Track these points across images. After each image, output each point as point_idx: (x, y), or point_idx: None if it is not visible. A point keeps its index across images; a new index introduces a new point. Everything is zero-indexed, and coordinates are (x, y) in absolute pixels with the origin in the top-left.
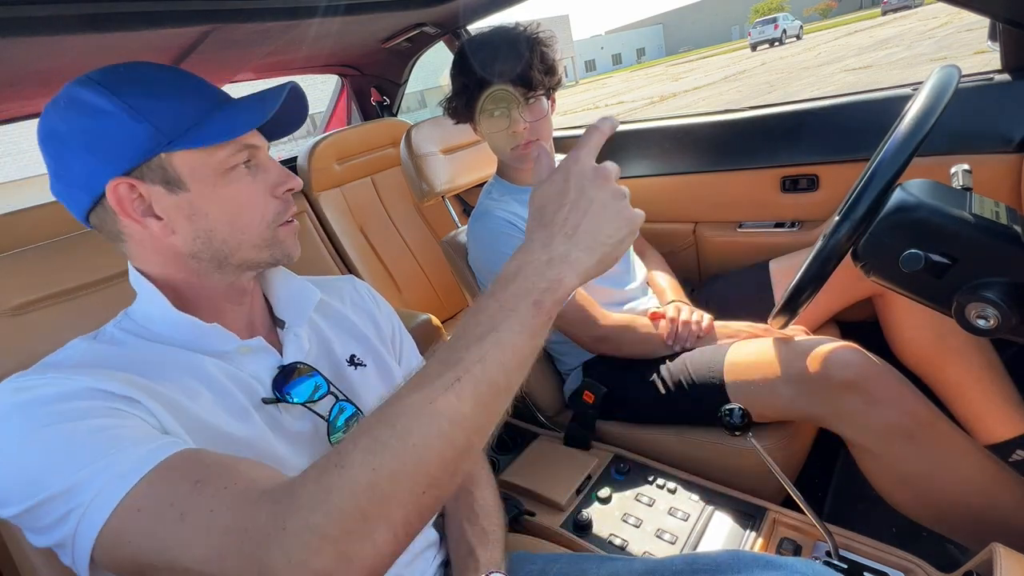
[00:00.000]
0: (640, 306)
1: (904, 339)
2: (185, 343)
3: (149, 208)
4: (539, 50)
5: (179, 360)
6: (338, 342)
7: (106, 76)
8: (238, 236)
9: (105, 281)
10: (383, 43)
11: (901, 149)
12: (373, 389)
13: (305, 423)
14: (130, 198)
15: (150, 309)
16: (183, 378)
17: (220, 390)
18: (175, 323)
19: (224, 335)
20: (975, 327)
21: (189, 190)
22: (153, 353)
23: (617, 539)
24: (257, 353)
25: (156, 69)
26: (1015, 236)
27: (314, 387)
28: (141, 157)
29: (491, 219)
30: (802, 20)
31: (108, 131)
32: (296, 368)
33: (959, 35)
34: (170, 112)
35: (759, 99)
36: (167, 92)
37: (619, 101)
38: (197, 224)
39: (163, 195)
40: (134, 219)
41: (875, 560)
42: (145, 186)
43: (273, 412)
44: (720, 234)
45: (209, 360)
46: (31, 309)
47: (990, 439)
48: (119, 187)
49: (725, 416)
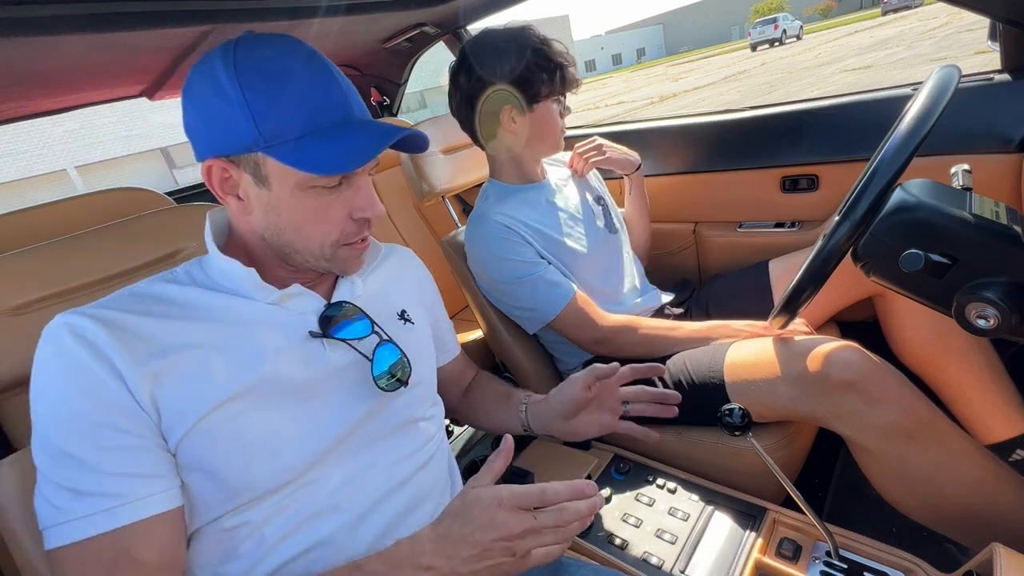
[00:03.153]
0: (640, 305)
1: (904, 339)
2: (236, 289)
3: (235, 188)
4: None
5: (226, 306)
6: (392, 296)
7: (246, 53)
8: (301, 242)
9: (106, 281)
10: (383, 43)
11: (901, 149)
12: (416, 346)
13: (348, 359)
14: (221, 177)
15: (209, 255)
16: (225, 322)
17: (262, 330)
18: (223, 267)
19: (260, 286)
20: (975, 327)
21: (272, 190)
22: (202, 301)
23: (617, 539)
24: (298, 297)
25: (299, 58)
26: (1015, 236)
27: (359, 328)
28: (240, 150)
29: (488, 223)
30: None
31: (224, 117)
32: (343, 310)
33: (959, 35)
34: (282, 120)
35: (759, 99)
36: (290, 94)
37: (619, 101)
38: (270, 218)
39: (250, 183)
40: (218, 194)
41: (875, 560)
42: (237, 171)
43: (318, 348)
44: (720, 234)
45: (257, 304)
46: (31, 309)
47: (990, 439)
48: (213, 167)
49: (725, 416)
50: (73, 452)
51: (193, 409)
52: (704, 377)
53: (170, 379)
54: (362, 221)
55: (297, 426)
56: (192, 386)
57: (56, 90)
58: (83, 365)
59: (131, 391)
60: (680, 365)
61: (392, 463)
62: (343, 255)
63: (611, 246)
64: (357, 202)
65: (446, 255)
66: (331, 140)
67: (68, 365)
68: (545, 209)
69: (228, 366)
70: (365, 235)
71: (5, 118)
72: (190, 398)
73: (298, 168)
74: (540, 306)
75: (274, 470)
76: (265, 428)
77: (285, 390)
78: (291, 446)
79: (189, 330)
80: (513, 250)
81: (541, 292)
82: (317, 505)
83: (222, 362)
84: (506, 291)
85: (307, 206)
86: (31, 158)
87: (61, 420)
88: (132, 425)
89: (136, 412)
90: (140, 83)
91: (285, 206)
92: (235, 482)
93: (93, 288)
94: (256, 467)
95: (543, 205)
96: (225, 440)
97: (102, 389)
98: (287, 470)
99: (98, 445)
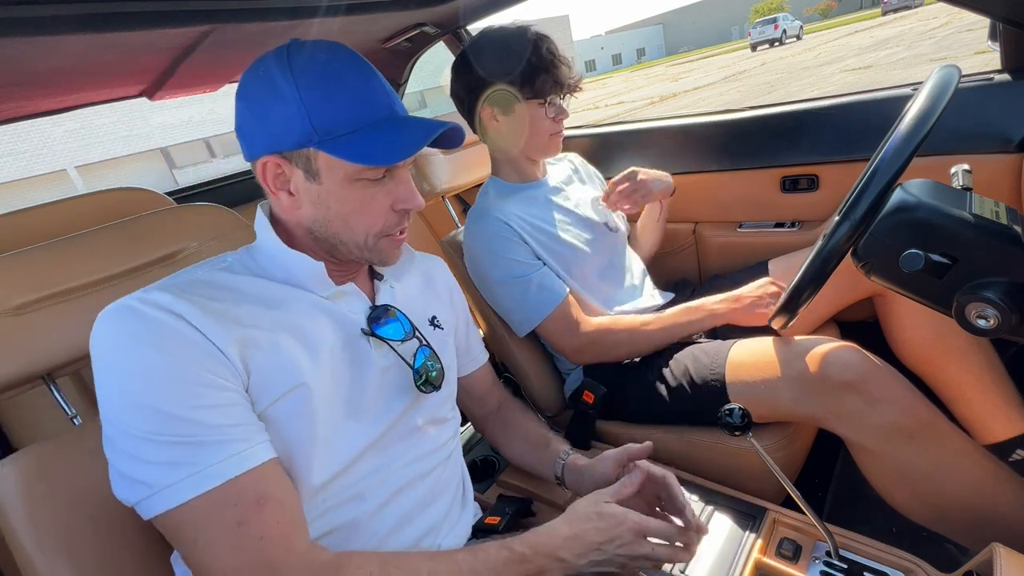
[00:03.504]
0: (638, 304)
1: (904, 339)
2: (292, 280)
3: (287, 183)
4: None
5: (285, 295)
6: (424, 302)
7: (299, 56)
8: (347, 233)
9: (106, 281)
10: (383, 43)
11: (901, 149)
12: (446, 351)
13: (390, 361)
14: (274, 173)
15: (266, 247)
16: (292, 311)
17: (322, 322)
18: (285, 260)
19: (323, 279)
20: (975, 327)
21: (322, 183)
22: (262, 289)
23: None
24: (350, 296)
25: (346, 60)
26: (1015, 236)
27: (400, 328)
28: (295, 146)
29: (488, 220)
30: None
31: (280, 115)
32: (387, 310)
33: (959, 35)
34: (333, 115)
35: (759, 99)
36: (341, 92)
37: (619, 101)
38: (319, 211)
39: (301, 178)
40: (271, 189)
41: (875, 560)
42: (290, 167)
43: (365, 347)
44: (720, 234)
45: (313, 297)
46: (31, 309)
47: (990, 439)
48: (268, 163)
49: (725, 416)
50: (183, 413)
51: (276, 384)
52: (705, 377)
53: (254, 350)
54: (403, 212)
55: (349, 420)
56: (274, 363)
57: (56, 90)
58: (172, 329)
59: (223, 351)
60: (681, 365)
61: (415, 458)
62: (383, 246)
63: (611, 245)
64: (400, 194)
65: (446, 255)
66: (380, 134)
67: (159, 331)
68: (545, 207)
69: (299, 352)
70: (404, 226)
71: (5, 118)
72: (273, 374)
73: (350, 160)
74: (530, 308)
75: (326, 463)
76: (327, 417)
77: (340, 383)
78: (344, 438)
79: (258, 315)
80: (510, 248)
81: (532, 294)
82: (344, 494)
83: (294, 347)
84: (499, 290)
85: (354, 197)
86: (31, 158)
87: (162, 385)
88: (231, 382)
89: (232, 370)
90: (140, 83)
91: (334, 198)
92: (298, 468)
93: (93, 288)
94: (316, 458)
95: (543, 203)
96: (296, 425)
97: (196, 350)
98: (336, 463)
99: (207, 403)
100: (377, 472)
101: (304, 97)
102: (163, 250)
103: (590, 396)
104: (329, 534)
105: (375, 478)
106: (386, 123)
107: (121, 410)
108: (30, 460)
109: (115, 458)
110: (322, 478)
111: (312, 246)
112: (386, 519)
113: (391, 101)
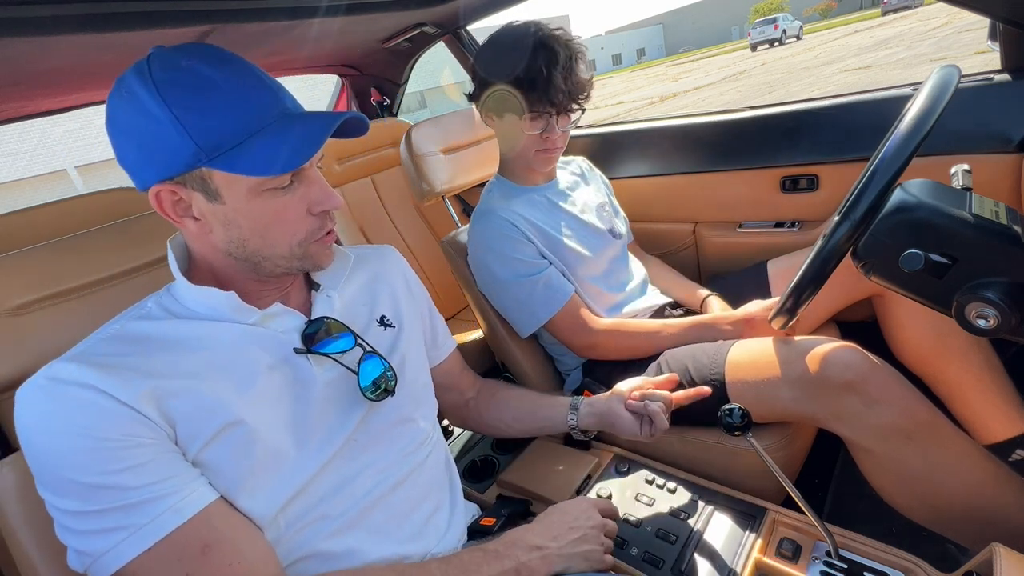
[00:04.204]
0: (640, 304)
1: (904, 339)
2: (214, 314)
3: (188, 209)
4: (581, 64)
5: (207, 332)
6: (370, 303)
7: (161, 69)
8: (268, 248)
9: (106, 281)
10: (383, 43)
11: (901, 149)
12: (400, 350)
13: (335, 374)
14: (171, 200)
15: (179, 286)
16: (213, 348)
17: (251, 351)
18: (198, 297)
19: (241, 308)
20: (975, 327)
21: (225, 203)
22: (181, 331)
23: (617, 539)
24: (279, 316)
25: (215, 63)
26: (1015, 236)
27: (342, 342)
28: (183, 169)
29: (494, 219)
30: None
31: (156, 137)
32: (325, 326)
33: (959, 35)
34: (214, 129)
35: (759, 99)
36: (216, 103)
37: (619, 101)
38: (231, 232)
39: (202, 201)
40: (173, 219)
41: (875, 560)
42: (186, 191)
43: (304, 364)
44: (720, 234)
45: (239, 326)
46: (31, 309)
47: (990, 439)
48: (161, 192)
49: (725, 416)
50: (105, 481)
51: (204, 428)
52: (705, 377)
53: (172, 400)
54: (323, 214)
55: (295, 443)
56: (197, 407)
57: (56, 90)
58: (80, 400)
59: (136, 409)
60: (681, 365)
61: (383, 468)
62: (312, 251)
63: (614, 250)
64: (313, 196)
65: (446, 255)
66: (273, 138)
67: (67, 407)
68: (549, 210)
69: (226, 389)
70: (329, 228)
71: (5, 118)
72: (198, 418)
73: (246, 174)
74: (536, 307)
75: (277, 490)
76: (268, 448)
77: (280, 408)
78: (291, 463)
79: (174, 363)
80: (516, 248)
81: (539, 293)
82: (307, 517)
83: (219, 386)
84: (504, 289)
85: (265, 210)
86: (31, 158)
87: (79, 460)
88: (151, 438)
89: (151, 426)
90: None
91: (243, 215)
92: (245, 502)
93: (92, 288)
94: (260, 489)
95: (548, 208)
96: (233, 462)
97: (108, 416)
98: (289, 487)
99: (128, 465)
100: (340, 489)
101: (178, 114)
102: (162, 250)
103: (590, 396)
104: (306, 559)
105: (338, 496)
106: (278, 124)
107: (50, 491)
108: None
109: (61, 534)
110: (276, 506)
111: (235, 270)
112: (359, 535)
113: (279, 98)
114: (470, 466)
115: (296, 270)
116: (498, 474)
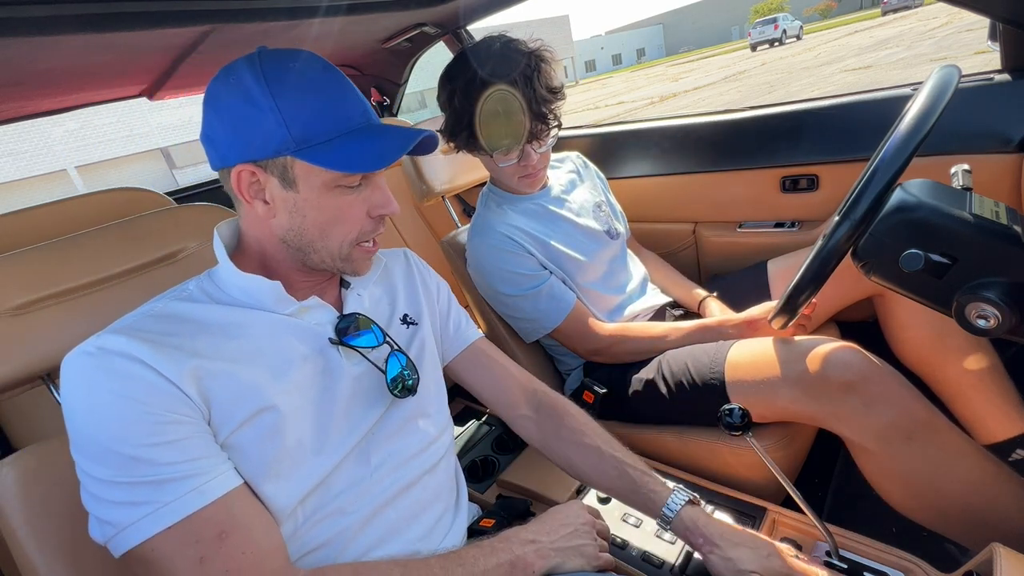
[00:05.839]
0: (640, 305)
1: (904, 339)
2: (253, 302)
3: (262, 192)
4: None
5: (247, 319)
6: (393, 302)
7: (271, 65)
8: (322, 241)
9: (106, 281)
10: (383, 43)
11: (901, 149)
12: (421, 346)
13: (362, 369)
14: (249, 181)
15: (222, 272)
16: (252, 335)
17: (288, 340)
18: (243, 284)
19: (283, 298)
20: (975, 327)
21: (299, 191)
22: (222, 316)
23: (617, 539)
24: (315, 310)
25: (319, 69)
26: (1015, 236)
27: (372, 337)
28: (271, 154)
29: (492, 235)
30: (802, 20)
31: (254, 123)
32: (356, 320)
33: (959, 35)
34: (311, 123)
35: (759, 99)
36: (317, 101)
37: (619, 101)
38: (294, 220)
39: (276, 187)
40: (245, 198)
41: (875, 560)
42: (265, 175)
43: (335, 357)
44: (720, 234)
45: (276, 316)
46: (31, 309)
47: (990, 439)
48: (242, 172)
49: (725, 416)
50: (141, 454)
51: (238, 411)
52: (705, 377)
53: (212, 381)
54: (378, 219)
55: (319, 434)
56: (234, 391)
57: (56, 90)
58: (125, 372)
59: (178, 387)
60: (681, 365)
61: (397, 465)
62: (356, 256)
63: (612, 252)
64: (375, 200)
65: (446, 255)
66: (358, 142)
67: (115, 376)
68: (546, 220)
69: (262, 375)
70: (380, 232)
71: (5, 118)
72: (234, 401)
73: (330, 168)
74: (541, 317)
75: (300, 479)
76: (295, 436)
77: (309, 398)
78: (313, 454)
79: (216, 345)
80: (516, 262)
81: (543, 304)
82: (324, 509)
83: (256, 372)
84: (508, 303)
85: (331, 205)
86: (31, 158)
87: (119, 429)
88: (189, 416)
89: (189, 404)
90: (140, 83)
91: (311, 206)
92: (269, 489)
93: (93, 288)
94: (284, 477)
95: (544, 216)
96: (262, 448)
97: (153, 390)
98: (312, 477)
99: (165, 440)
100: (357, 484)
101: (280, 106)
102: (163, 250)
103: (590, 396)
104: (315, 551)
105: (356, 491)
106: (364, 131)
107: (85, 456)
108: (30, 460)
109: (87, 500)
110: (297, 495)
111: (284, 256)
112: (373, 532)
113: (366, 109)
114: (470, 466)
115: (336, 270)
116: (498, 474)
